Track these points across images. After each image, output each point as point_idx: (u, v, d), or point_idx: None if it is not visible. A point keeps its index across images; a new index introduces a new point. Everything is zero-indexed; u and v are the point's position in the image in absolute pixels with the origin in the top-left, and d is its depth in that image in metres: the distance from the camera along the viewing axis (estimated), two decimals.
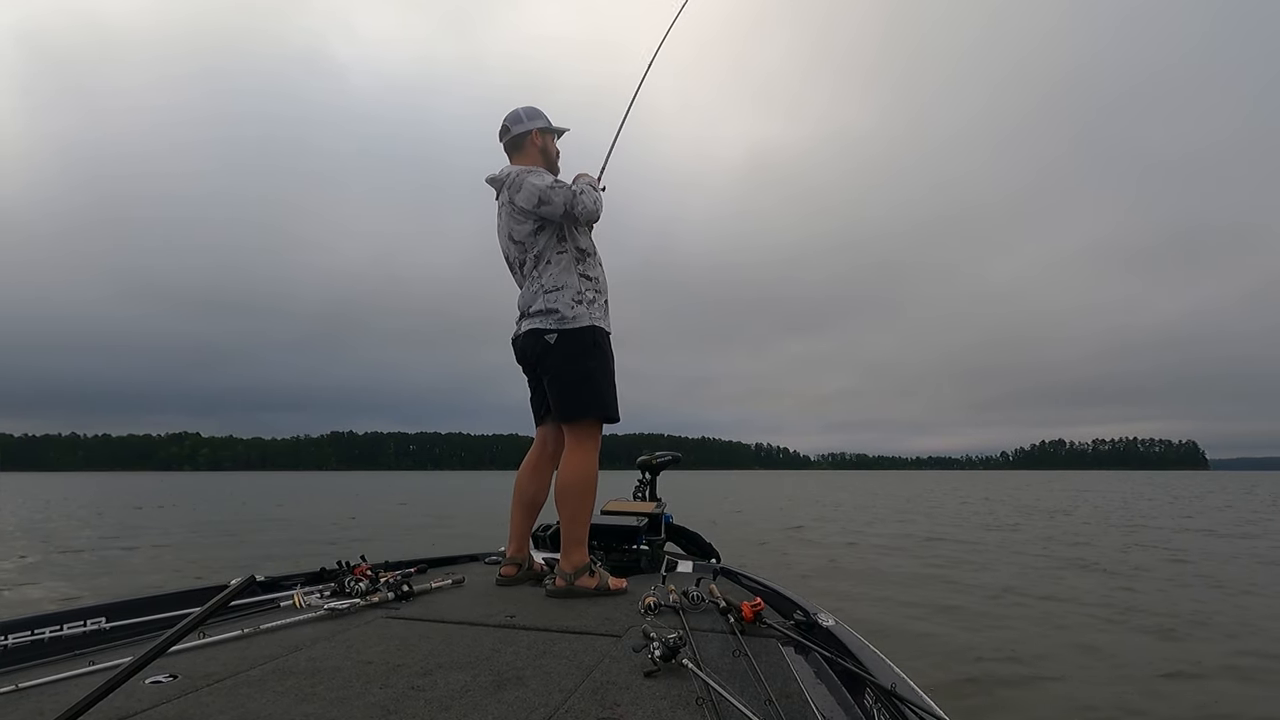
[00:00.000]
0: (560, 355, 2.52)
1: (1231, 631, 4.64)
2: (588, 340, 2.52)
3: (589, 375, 2.51)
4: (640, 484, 3.70)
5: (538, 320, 2.54)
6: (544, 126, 2.72)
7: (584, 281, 2.56)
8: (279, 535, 11.49)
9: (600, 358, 2.55)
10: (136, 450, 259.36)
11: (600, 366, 2.54)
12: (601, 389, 2.53)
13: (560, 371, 2.54)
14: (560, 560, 2.45)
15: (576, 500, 2.45)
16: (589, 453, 2.51)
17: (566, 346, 2.51)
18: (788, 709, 1.34)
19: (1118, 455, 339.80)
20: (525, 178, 2.55)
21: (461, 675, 1.54)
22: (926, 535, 11.13)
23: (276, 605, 2.24)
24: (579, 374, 2.51)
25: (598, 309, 2.57)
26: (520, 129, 2.70)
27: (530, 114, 2.72)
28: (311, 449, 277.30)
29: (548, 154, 2.75)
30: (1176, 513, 16.60)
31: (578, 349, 2.51)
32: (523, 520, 2.71)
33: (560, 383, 2.55)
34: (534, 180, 2.54)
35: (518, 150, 2.72)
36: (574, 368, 2.51)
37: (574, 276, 2.55)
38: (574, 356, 2.51)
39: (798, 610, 1.90)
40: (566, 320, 2.50)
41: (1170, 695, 3.43)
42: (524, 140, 2.70)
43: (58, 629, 1.77)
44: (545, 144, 2.74)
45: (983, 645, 4.25)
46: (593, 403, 2.52)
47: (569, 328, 2.50)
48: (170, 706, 1.36)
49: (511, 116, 2.72)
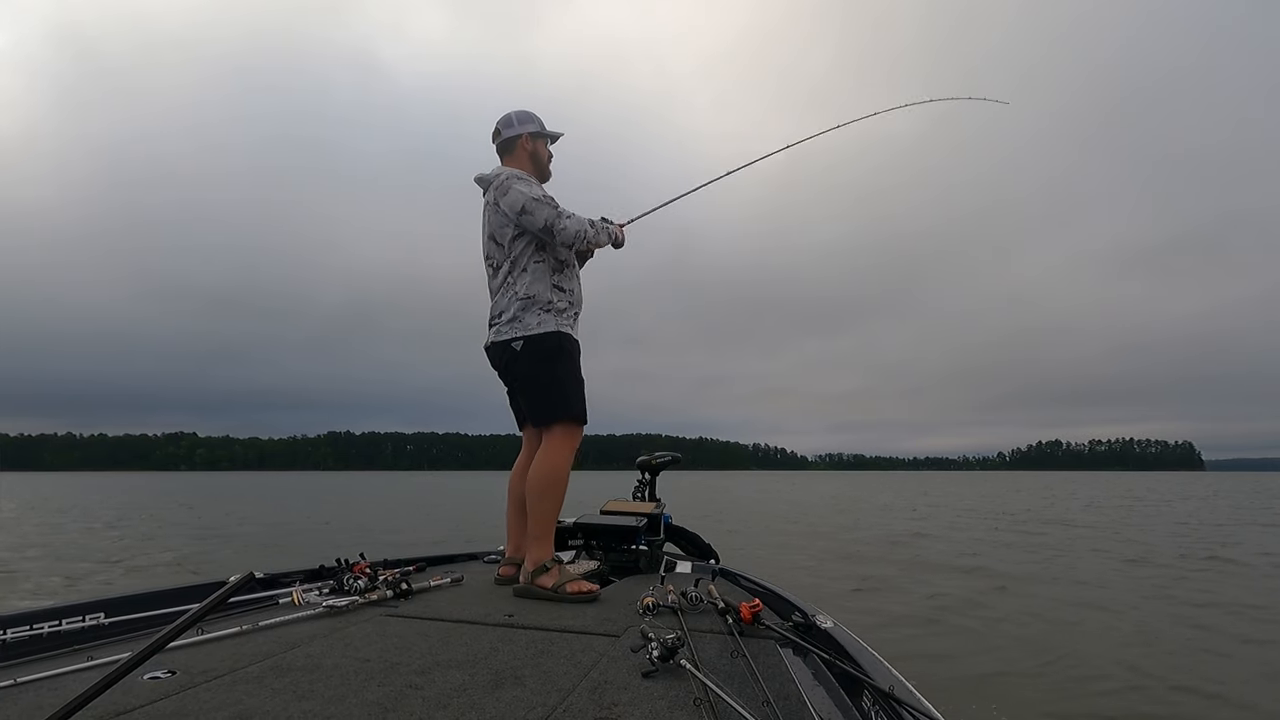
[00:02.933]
0: (527, 362, 2.55)
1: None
2: (552, 345, 2.53)
3: (556, 380, 2.54)
4: (640, 484, 3.69)
5: (506, 329, 2.57)
6: (535, 131, 2.74)
7: (556, 293, 2.58)
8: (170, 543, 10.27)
9: (566, 362, 2.56)
10: (133, 450, 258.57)
11: (567, 370, 2.56)
12: (569, 392, 2.55)
13: (528, 378, 2.58)
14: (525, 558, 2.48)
15: (538, 496, 2.46)
16: (561, 452, 2.52)
17: (533, 353, 2.53)
18: (786, 710, 1.34)
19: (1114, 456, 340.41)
20: (513, 183, 2.57)
21: (459, 674, 1.54)
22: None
23: (275, 602, 2.24)
24: (546, 379, 2.54)
25: (565, 319, 2.59)
26: (511, 132, 2.73)
27: (522, 118, 2.74)
28: (308, 449, 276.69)
29: (537, 158, 2.76)
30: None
31: (543, 354, 2.53)
32: (518, 520, 2.71)
33: (529, 389, 2.60)
34: (521, 188, 2.55)
35: (508, 153, 2.75)
36: (541, 373, 2.54)
37: (547, 286, 2.56)
38: (540, 362, 2.54)
39: (796, 612, 1.90)
40: (531, 327, 2.53)
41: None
42: (514, 144, 2.73)
43: (56, 624, 1.77)
44: (535, 149, 2.75)
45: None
46: (561, 406, 2.54)
47: (534, 333, 2.53)
48: (168, 702, 1.36)
49: (504, 120, 2.75)
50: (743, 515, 16.17)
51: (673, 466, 3.77)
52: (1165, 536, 11.33)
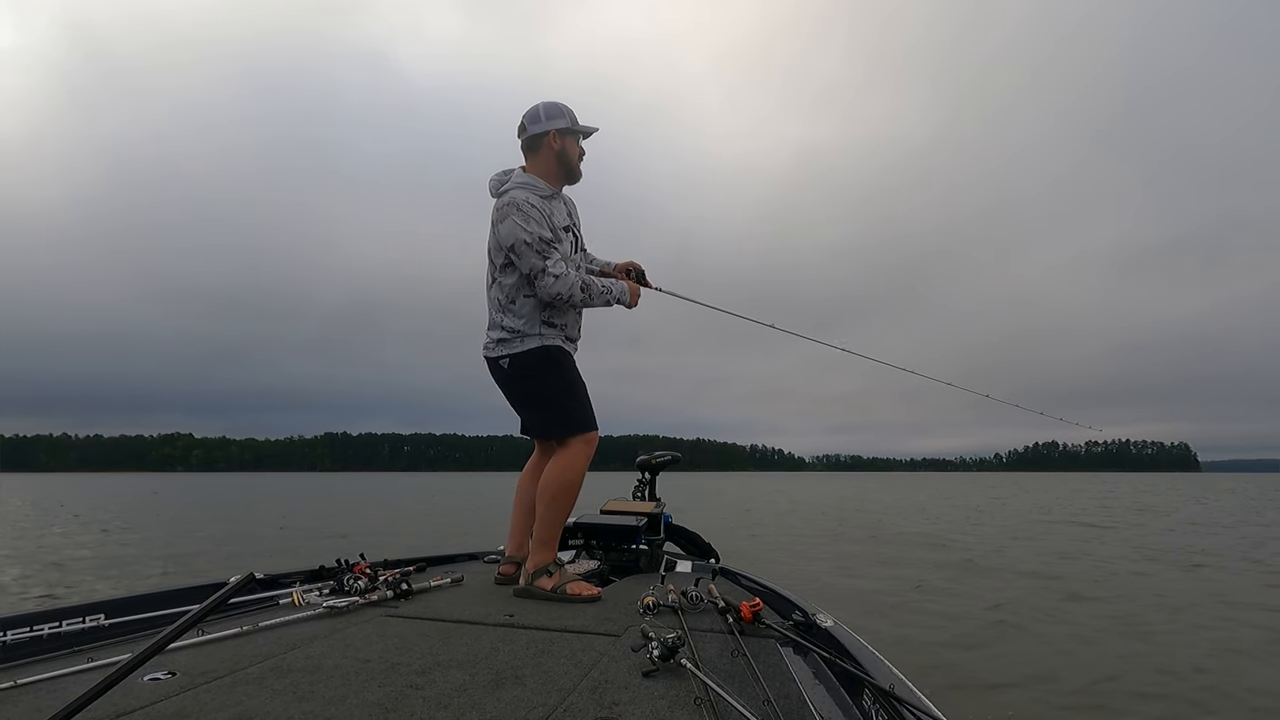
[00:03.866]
0: (517, 380, 2.49)
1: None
2: (539, 359, 2.44)
3: (551, 396, 2.46)
4: (639, 484, 3.70)
5: (494, 348, 2.50)
6: (564, 128, 2.51)
7: (545, 328, 2.46)
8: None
9: (558, 372, 2.47)
10: (129, 451, 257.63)
11: (560, 382, 2.47)
12: (566, 407, 2.46)
13: (521, 395, 2.53)
14: (527, 559, 2.46)
15: (549, 502, 2.43)
16: (576, 462, 2.45)
17: (521, 370, 2.46)
18: (786, 709, 1.35)
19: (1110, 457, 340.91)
20: (510, 214, 2.37)
21: (460, 674, 1.54)
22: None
23: (275, 603, 2.24)
24: (542, 396, 2.48)
25: (550, 338, 2.46)
26: (537, 129, 2.50)
27: (550, 112, 2.52)
28: (304, 450, 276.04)
29: (565, 158, 2.54)
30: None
31: (531, 370, 2.45)
32: (522, 520, 2.70)
33: (525, 406, 2.55)
34: (516, 222, 2.36)
35: (533, 151, 2.54)
36: (533, 390, 2.48)
37: (535, 323, 2.45)
38: (530, 379, 2.47)
39: (796, 611, 1.90)
40: (516, 348, 2.45)
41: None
42: (540, 142, 2.52)
43: (56, 625, 1.77)
44: (564, 147, 2.53)
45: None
46: (560, 423, 2.47)
47: (518, 351, 2.45)
48: (168, 704, 1.36)
49: (530, 114, 2.52)
50: (777, 518, 15.68)
51: (672, 466, 3.77)
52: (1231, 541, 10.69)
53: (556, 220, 2.49)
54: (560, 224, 2.51)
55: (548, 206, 2.47)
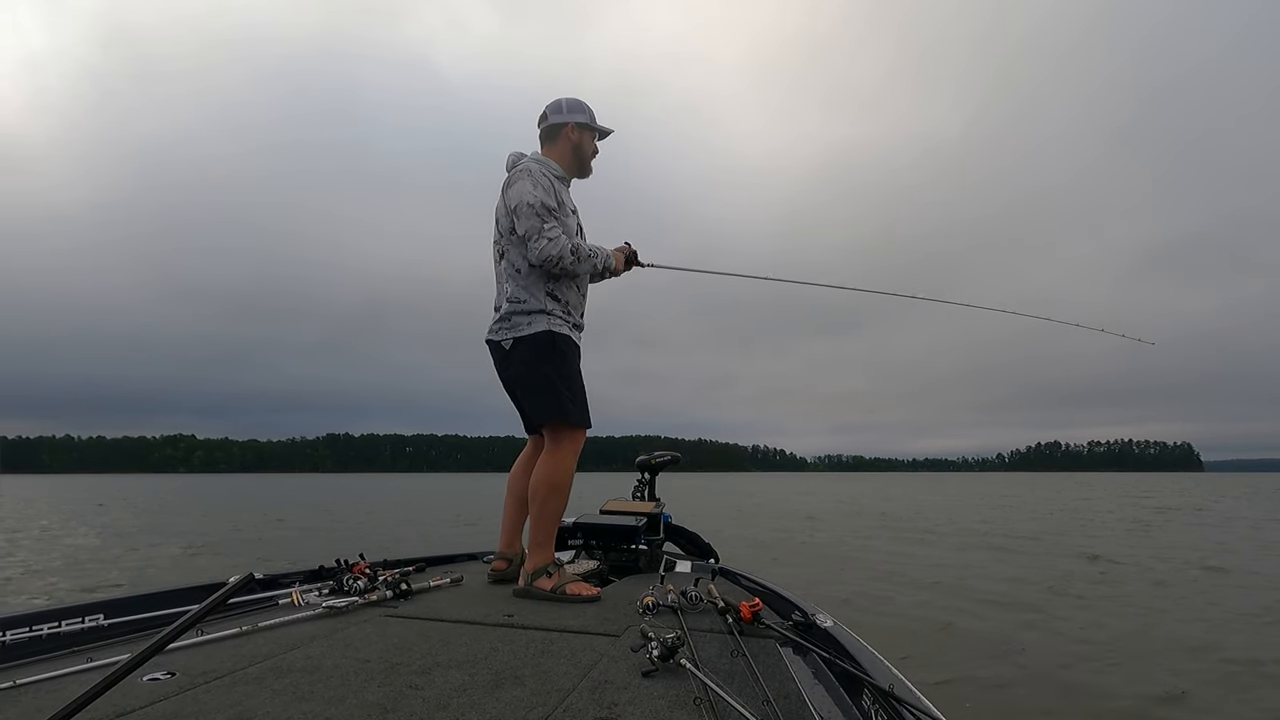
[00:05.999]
0: (518, 361, 2.51)
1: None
2: (544, 343, 2.46)
3: (549, 380, 2.47)
4: (639, 484, 3.70)
5: (497, 329, 2.55)
6: (583, 122, 2.63)
7: (550, 301, 2.49)
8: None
9: (558, 361, 2.48)
10: (130, 452, 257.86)
11: (558, 370, 2.48)
12: (559, 394, 2.46)
13: (520, 377, 2.54)
14: (525, 560, 2.47)
15: (541, 502, 2.44)
16: (563, 459, 2.47)
17: (523, 351, 2.49)
18: (785, 709, 1.34)
19: (1113, 457, 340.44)
20: (521, 179, 2.46)
21: (459, 674, 1.54)
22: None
23: (275, 603, 2.24)
24: (539, 379, 2.49)
25: (557, 321, 2.50)
26: (558, 119, 2.62)
27: (572, 106, 2.65)
28: (307, 451, 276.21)
29: (580, 151, 2.66)
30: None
31: (534, 353, 2.47)
32: (515, 514, 2.71)
33: (523, 388, 2.56)
34: (526, 187, 2.44)
35: (551, 141, 2.65)
36: (532, 372, 2.49)
37: (541, 294, 2.49)
38: (531, 361, 2.48)
39: (796, 611, 1.90)
40: (521, 329, 2.48)
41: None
42: (558, 132, 2.63)
43: (56, 625, 1.77)
44: (580, 140, 2.64)
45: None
46: (554, 408, 2.47)
47: (524, 334, 2.48)
48: (168, 704, 1.36)
49: (553, 105, 2.65)
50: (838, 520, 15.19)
51: (672, 466, 3.77)
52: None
53: (565, 200, 2.59)
54: (570, 206, 2.62)
55: (559, 185, 2.57)
